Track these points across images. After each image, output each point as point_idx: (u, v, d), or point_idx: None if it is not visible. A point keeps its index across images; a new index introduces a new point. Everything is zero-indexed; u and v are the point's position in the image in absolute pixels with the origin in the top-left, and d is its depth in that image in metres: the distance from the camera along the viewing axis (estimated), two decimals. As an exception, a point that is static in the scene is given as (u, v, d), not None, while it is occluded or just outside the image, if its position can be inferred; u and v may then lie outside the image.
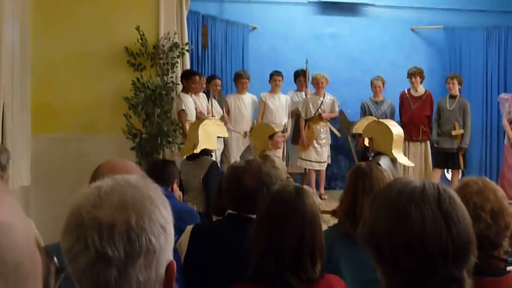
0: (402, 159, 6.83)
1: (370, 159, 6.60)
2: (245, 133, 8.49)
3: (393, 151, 6.62)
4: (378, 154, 6.62)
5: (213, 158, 6.38)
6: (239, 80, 8.68)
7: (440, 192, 1.48)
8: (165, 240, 1.24)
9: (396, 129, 6.86)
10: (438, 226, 1.43)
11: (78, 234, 1.19)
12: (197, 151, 5.97)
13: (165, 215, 1.26)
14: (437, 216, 1.44)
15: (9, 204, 0.85)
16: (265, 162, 3.07)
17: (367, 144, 7.05)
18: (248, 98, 8.72)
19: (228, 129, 7.77)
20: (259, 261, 2.36)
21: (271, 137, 7.04)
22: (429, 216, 1.44)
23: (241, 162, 3.04)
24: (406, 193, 1.49)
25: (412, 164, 7.45)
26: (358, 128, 7.62)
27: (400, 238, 1.45)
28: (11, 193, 0.91)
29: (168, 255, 1.27)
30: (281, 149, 7.76)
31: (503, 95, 9.00)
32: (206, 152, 6.05)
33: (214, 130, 6.27)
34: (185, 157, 6.26)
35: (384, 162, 6.30)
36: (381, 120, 7.65)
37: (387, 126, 6.88)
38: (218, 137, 6.34)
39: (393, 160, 6.61)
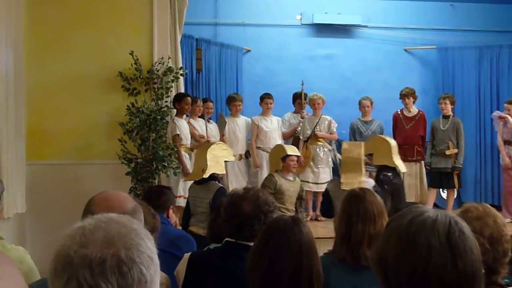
0: (401, 167, 7.33)
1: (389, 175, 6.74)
2: (240, 156, 8.48)
3: (393, 159, 6.84)
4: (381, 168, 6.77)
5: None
6: (232, 103, 8.70)
7: (451, 224, 1.48)
8: (154, 270, 1.25)
9: (391, 139, 7.46)
10: (444, 257, 1.43)
11: (68, 275, 1.18)
12: (206, 175, 5.96)
13: (150, 247, 1.27)
14: (444, 247, 1.44)
15: (10, 277, 0.85)
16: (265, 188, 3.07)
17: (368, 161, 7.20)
18: (242, 121, 8.71)
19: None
20: (258, 288, 2.37)
21: (284, 159, 7.00)
22: (436, 246, 1.44)
23: (240, 189, 3.05)
24: (417, 222, 1.49)
25: (405, 169, 7.72)
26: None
27: (405, 265, 1.45)
28: (12, 263, 0.90)
29: (157, 286, 1.27)
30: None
31: (496, 113, 9.02)
32: (214, 177, 6.04)
33: (221, 154, 6.27)
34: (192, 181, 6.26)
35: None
36: (376, 135, 7.85)
37: (382, 138, 7.14)
38: (225, 161, 6.35)
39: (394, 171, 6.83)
